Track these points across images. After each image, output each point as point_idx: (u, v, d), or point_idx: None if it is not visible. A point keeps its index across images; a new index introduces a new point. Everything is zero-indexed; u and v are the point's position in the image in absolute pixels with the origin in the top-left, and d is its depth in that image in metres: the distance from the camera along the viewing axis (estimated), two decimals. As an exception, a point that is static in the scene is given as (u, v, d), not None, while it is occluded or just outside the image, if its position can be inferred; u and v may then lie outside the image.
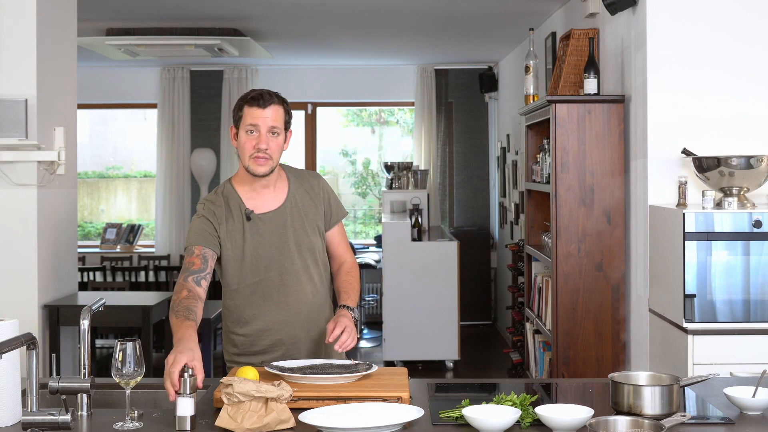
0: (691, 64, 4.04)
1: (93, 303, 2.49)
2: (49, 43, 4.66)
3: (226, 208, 2.87)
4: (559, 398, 2.65)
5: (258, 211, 2.87)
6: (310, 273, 2.91)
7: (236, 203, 2.88)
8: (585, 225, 4.37)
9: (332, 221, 2.99)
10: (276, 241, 2.87)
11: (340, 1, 6.23)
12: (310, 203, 2.94)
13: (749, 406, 2.33)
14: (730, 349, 3.50)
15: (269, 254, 2.86)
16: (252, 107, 2.80)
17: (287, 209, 2.90)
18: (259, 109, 2.79)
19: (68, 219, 4.96)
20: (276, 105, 2.82)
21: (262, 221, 2.87)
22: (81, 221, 9.90)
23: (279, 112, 2.82)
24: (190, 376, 2.18)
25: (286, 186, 2.93)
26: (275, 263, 2.86)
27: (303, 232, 2.90)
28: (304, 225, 2.90)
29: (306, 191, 2.95)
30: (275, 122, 2.80)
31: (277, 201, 2.90)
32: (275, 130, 2.80)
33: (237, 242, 2.85)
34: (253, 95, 2.83)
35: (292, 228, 2.88)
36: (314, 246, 2.92)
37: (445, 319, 7.32)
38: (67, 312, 4.71)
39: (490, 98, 9.64)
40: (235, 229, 2.85)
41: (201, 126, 9.69)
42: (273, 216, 2.88)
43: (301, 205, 2.92)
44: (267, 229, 2.87)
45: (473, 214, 9.81)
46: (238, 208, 2.87)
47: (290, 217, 2.89)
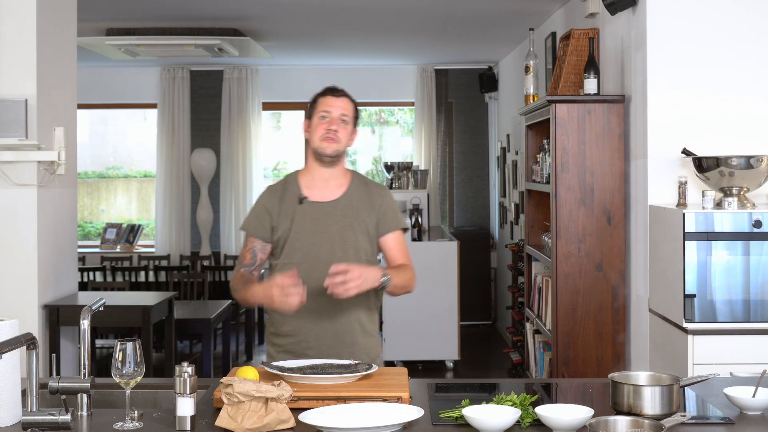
0: (691, 64, 4.04)
1: (93, 303, 2.49)
2: (49, 43, 4.66)
3: (282, 191, 3.06)
4: (559, 398, 2.66)
5: (312, 199, 3.02)
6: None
7: (294, 189, 3.05)
8: (585, 225, 4.37)
9: (384, 228, 3.05)
10: (320, 229, 2.98)
11: (340, 1, 6.23)
12: (365, 207, 3.04)
13: (749, 406, 2.33)
14: (730, 349, 3.50)
15: (312, 240, 2.98)
16: (326, 97, 3.05)
17: (340, 204, 3.02)
18: (332, 98, 3.04)
19: (68, 219, 4.96)
20: (347, 99, 3.07)
21: (312, 208, 3.00)
22: (81, 221, 9.90)
23: (349, 106, 3.06)
24: (190, 377, 2.18)
25: (347, 185, 3.07)
26: (314, 250, 2.97)
27: (350, 230, 3.00)
28: (353, 224, 3.00)
29: (364, 195, 3.06)
30: (345, 111, 3.03)
31: (333, 195, 3.03)
32: (345, 118, 3.02)
33: (285, 224, 3.00)
34: (328, 87, 3.10)
35: (341, 223, 2.99)
36: (360, 246, 3.00)
37: (445, 319, 7.32)
38: (67, 312, 4.71)
39: (490, 98, 9.64)
40: (286, 210, 3.01)
41: (201, 126, 9.69)
42: (325, 207, 3.01)
43: (355, 205, 3.03)
44: (315, 216, 3.00)
45: (473, 214, 9.81)
46: (294, 193, 3.04)
47: (341, 212, 3.01)
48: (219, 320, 6.41)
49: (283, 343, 2.99)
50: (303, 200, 3.01)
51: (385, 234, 3.05)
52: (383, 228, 3.04)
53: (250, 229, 3.05)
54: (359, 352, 2.97)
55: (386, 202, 3.08)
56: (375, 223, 3.03)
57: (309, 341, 2.95)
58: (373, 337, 3.07)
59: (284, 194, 3.04)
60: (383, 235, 3.05)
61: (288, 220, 2.99)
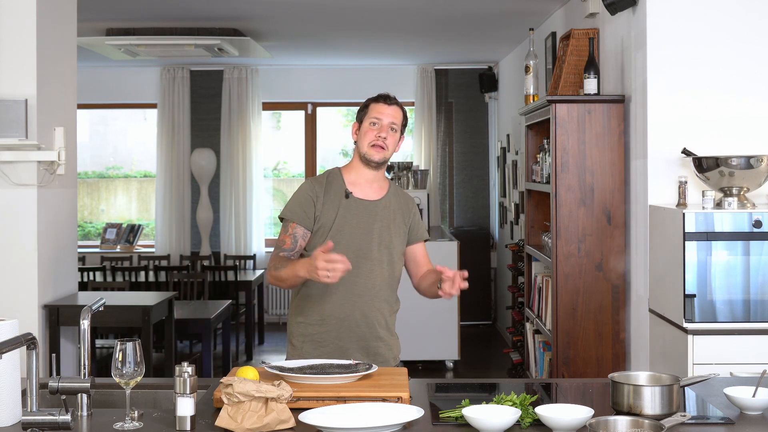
0: (691, 64, 4.04)
1: (93, 303, 2.49)
2: (49, 43, 4.66)
3: (327, 184, 3.12)
4: (559, 398, 2.66)
5: (356, 195, 3.10)
6: (383, 268, 3.07)
7: (339, 183, 3.12)
8: (585, 225, 4.37)
9: (413, 237, 3.19)
10: (363, 226, 3.06)
11: (340, 1, 6.23)
12: (400, 213, 3.16)
13: (749, 406, 2.33)
14: (730, 349, 3.50)
15: (353, 234, 3.05)
16: (378, 103, 3.11)
17: (381, 205, 3.12)
18: (384, 105, 3.10)
19: (68, 219, 4.96)
20: (398, 107, 3.13)
21: (357, 204, 3.08)
22: (81, 221, 9.90)
23: (399, 114, 3.12)
24: (190, 377, 2.18)
25: (386, 190, 3.18)
26: (355, 244, 3.04)
27: (387, 230, 3.10)
28: (390, 226, 3.11)
29: (400, 203, 3.18)
30: (395, 119, 3.09)
31: (375, 195, 3.13)
32: (394, 126, 3.09)
33: (330, 214, 3.06)
34: (381, 94, 3.16)
35: (381, 222, 3.09)
36: (394, 246, 3.10)
37: (445, 319, 7.32)
38: (67, 312, 4.71)
39: (490, 98, 9.64)
40: (331, 202, 3.08)
41: (201, 126, 9.69)
42: (368, 205, 3.10)
43: (393, 209, 3.14)
44: (359, 212, 3.08)
45: (473, 214, 9.80)
46: (340, 187, 3.11)
47: (382, 213, 3.11)
48: (219, 320, 6.41)
49: (311, 332, 3.04)
50: (349, 195, 3.09)
51: (415, 242, 3.19)
52: (414, 236, 3.19)
53: (293, 216, 3.08)
54: (383, 348, 3.06)
55: (416, 212, 3.23)
56: (407, 230, 3.17)
57: (339, 331, 3.01)
58: (395, 336, 3.15)
59: (329, 187, 3.10)
60: (414, 243, 3.19)
61: (333, 211, 3.06)
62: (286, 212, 3.11)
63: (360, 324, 3.02)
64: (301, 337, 3.06)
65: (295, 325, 3.11)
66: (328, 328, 3.02)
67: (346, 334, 3.01)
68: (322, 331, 3.03)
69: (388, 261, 3.09)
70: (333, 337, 3.01)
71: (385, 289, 3.08)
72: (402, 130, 3.14)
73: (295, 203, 3.11)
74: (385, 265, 3.08)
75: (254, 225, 9.52)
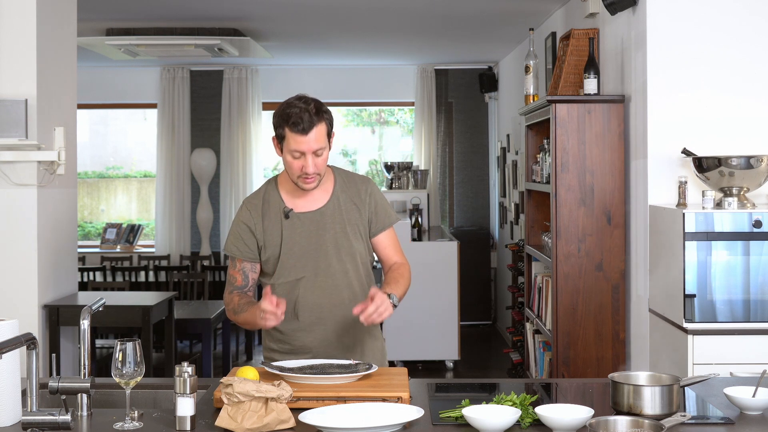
0: (691, 64, 4.04)
1: (93, 303, 2.49)
2: (49, 43, 4.66)
3: (264, 206, 2.88)
4: (559, 398, 2.65)
5: (297, 209, 2.87)
6: (349, 277, 2.88)
7: (276, 202, 2.88)
8: (585, 225, 4.37)
9: (377, 228, 2.93)
10: (314, 241, 2.85)
11: (340, 1, 6.23)
12: (354, 207, 2.90)
13: (749, 406, 2.33)
14: (730, 349, 3.50)
15: (306, 254, 2.84)
16: (295, 134, 2.73)
17: (328, 211, 2.87)
18: (301, 136, 2.73)
19: (68, 219, 4.96)
20: (317, 126, 2.74)
21: (301, 220, 2.86)
22: (81, 221, 9.90)
23: (321, 131, 2.75)
24: (190, 377, 2.18)
25: (331, 188, 2.91)
26: (311, 263, 2.84)
27: (343, 235, 2.86)
28: (345, 228, 2.87)
29: (351, 195, 2.91)
30: (318, 144, 2.75)
31: (318, 202, 2.88)
32: (319, 151, 2.76)
33: (275, 240, 2.85)
34: (293, 120, 2.73)
35: (332, 230, 2.86)
36: (355, 250, 2.88)
37: (445, 319, 7.32)
38: (67, 312, 4.71)
39: (490, 98, 9.64)
40: (272, 226, 2.86)
41: (201, 126, 9.69)
42: (312, 216, 2.86)
43: (344, 209, 2.89)
44: (305, 228, 2.85)
45: (473, 214, 9.80)
46: (277, 207, 2.87)
47: (331, 219, 2.87)
48: (219, 320, 6.41)
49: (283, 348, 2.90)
50: (289, 213, 2.85)
51: (378, 233, 2.93)
52: (376, 228, 2.92)
53: (235, 252, 2.88)
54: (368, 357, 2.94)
55: (375, 198, 2.93)
56: (366, 223, 2.91)
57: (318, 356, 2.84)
58: (379, 340, 3.03)
59: (266, 209, 2.88)
60: (376, 234, 2.93)
61: (276, 236, 2.84)
62: (229, 247, 2.89)
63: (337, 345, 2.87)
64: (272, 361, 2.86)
65: (267, 351, 2.95)
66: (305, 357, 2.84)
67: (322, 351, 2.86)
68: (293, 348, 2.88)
69: (354, 268, 2.87)
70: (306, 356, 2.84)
71: (357, 300, 2.83)
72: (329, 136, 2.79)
73: (235, 237, 2.88)
74: (352, 274, 2.87)
75: (254, 225, 9.50)
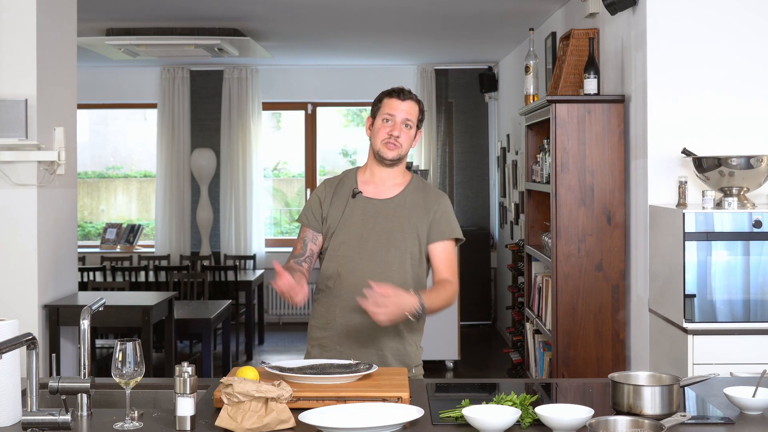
0: (691, 64, 4.04)
1: (93, 303, 2.49)
2: (49, 43, 4.66)
3: (339, 185, 3.05)
4: (559, 398, 2.65)
5: (366, 194, 3.00)
6: (392, 270, 2.91)
7: (350, 183, 3.04)
8: (585, 225, 4.37)
9: (435, 235, 2.97)
10: (369, 226, 2.95)
11: (340, 1, 6.23)
12: (419, 210, 2.98)
13: (749, 406, 2.33)
14: (730, 349, 3.50)
15: (359, 234, 2.95)
16: (391, 99, 2.97)
17: (393, 203, 2.99)
18: (397, 101, 2.96)
19: (68, 219, 4.96)
20: (413, 101, 2.98)
21: (365, 204, 2.99)
22: (81, 221, 9.90)
23: (414, 109, 2.98)
24: (190, 377, 2.18)
25: (404, 185, 3.03)
26: (361, 245, 2.94)
27: (399, 231, 2.95)
28: (404, 225, 2.95)
29: (421, 199, 3.01)
30: (410, 115, 2.96)
31: (388, 193, 3.01)
32: (408, 122, 2.96)
33: (336, 215, 2.99)
34: (394, 88, 3.00)
35: (390, 222, 2.96)
36: (406, 248, 2.94)
37: (445, 319, 7.31)
38: (67, 312, 4.71)
39: (490, 98, 9.64)
40: (339, 202, 3.01)
41: (201, 126, 9.69)
42: (377, 204, 2.98)
43: (409, 207, 2.98)
44: (366, 212, 2.97)
45: (473, 214, 9.80)
46: (349, 187, 3.03)
47: (393, 212, 2.97)
48: (219, 320, 6.41)
49: (318, 336, 2.99)
50: (356, 194, 2.99)
51: (435, 241, 2.97)
52: (433, 235, 2.97)
53: (303, 219, 3.06)
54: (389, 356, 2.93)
55: (442, 209, 3.01)
56: (426, 229, 2.97)
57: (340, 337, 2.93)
58: (409, 344, 2.99)
59: (340, 187, 3.04)
60: (433, 242, 2.97)
61: (339, 211, 2.98)
62: (300, 216, 3.09)
63: (361, 331, 2.90)
64: (311, 340, 3.02)
65: (309, 328, 3.06)
66: (330, 333, 2.95)
67: (346, 340, 2.92)
68: (326, 335, 2.96)
69: (399, 264, 2.93)
70: (334, 342, 2.93)
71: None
72: (419, 124, 3.01)
73: (307, 206, 3.08)
74: (395, 268, 2.92)
75: (254, 225, 9.52)
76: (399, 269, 2.93)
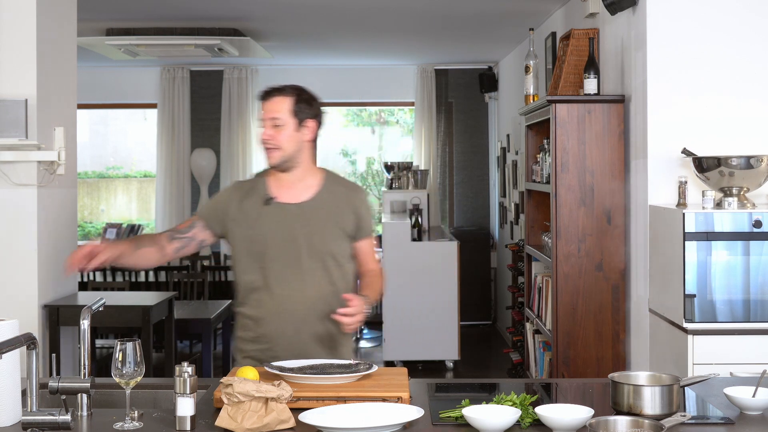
0: (691, 64, 4.04)
1: (93, 303, 2.49)
2: (49, 43, 4.65)
3: (250, 189, 2.94)
4: (559, 398, 2.66)
5: (280, 200, 2.90)
6: (317, 275, 2.88)
7: (262, 187, 2.93)
8: (585, 225, 4.37)
9: (362, 234, 2.98)
10: (288, 233, 2.87)
11: (340, 1, 6.23)
12: (341, 208, 2.93)
13: (749, 406, 2.33)
14: (730, 349, 3.50)
15: (278, 244, 2.86)
16: (260, 102, 2.91)
17: (310, 207, 2.90)
18: (263, 102, 2.89)
19: (68, 219, 4.95)
20: (279, 96, 2.87)
21: (281, 210, 2.89)
22: (81, 221, 9.90)
23: (282, 103, 2.86)
24: (190, 376, 2.18)
25: (318, 185, 2.94)
26: (282, 254, 2.86)
27: (320, 233, 2.88)
28: (326, 227, 2.89)
29: (341, 195, 2.95)
30: (276, 113, 2.85)
31: (302, 196, 2.91)
32: (276, 122, 2.85)
33: (248, 223, 2.88)
34: (263, 90, 2.93)
35: (309, 226, 2.88)
36: (329, 250, 2.89)
37: (445, 319, 7.32)
38: (67, 312, 4.70)
39: (490, 98, 9.64)
40: (252, 209, 2.89)
41: (201, 126, 9.69)
42: (292, 209, 2.89)
43: (328, 207, 2.91)
44: (283, 219, 2.88)
45: (473, 214, 9.80)
46: (261, 193, 2.92)
47: (310, 215, 2.89)
48: (219, 320, 6.40)
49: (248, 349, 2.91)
50: (270, 201, 2.88)
51: (361, 239, 2.98)
52: (361, 233, 2.97)
53: (202, 212, 2.98)
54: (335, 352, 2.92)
55: (365, 205, 2.99)
56: (354, 226, 2.94)
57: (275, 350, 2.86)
58: (347, 335, 2.98)
59: (251, 192, 2.92)
60: (360, 239, 2.97)
61: (252, 220, 2.87)
62: (200, 209, 3.02)
63: (293, 341, 2.85)
64: (242, 353, 2.93)
65: (237, 340, 2.97)
66: (263, 347, 2.88)
67: (281, 353, 2.84)
68: (258, 348, 2.89)
69: (323, 269, 2.87)
70: (269, 356, 2.83)
71: (320, 302, 2.86)
72: (301, 116, 2.85)
73: (211, 204, 2.99)
74: (319, 273, 2.87)
75: (254, 225, 9.51)
76: (323, 272, 2.89)
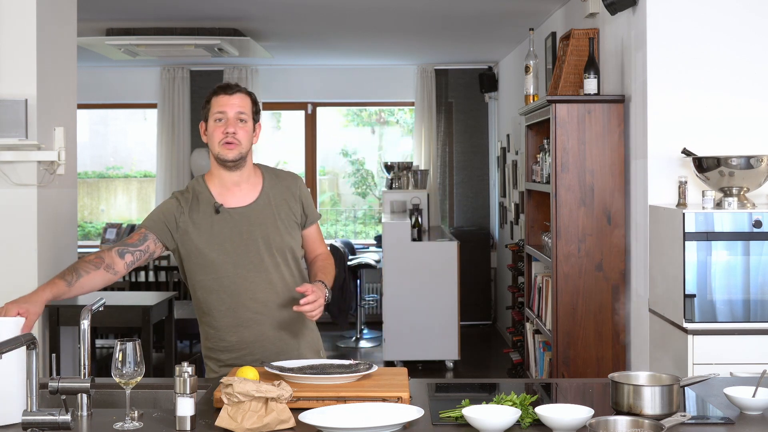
0: (691, 64, 4.04)
1: (93, 303, 2.49)
2: (49, 43, 4.65)
3: (193, 200, 2.87)
4: (559, 398, 2.66)
5: (227, 205, 2.87)
6: (281, 271, 2.89)
7: (206, 197, 2.88)
8: (585, 225, 4.37)
9: (309, 222, 3.00)
10: (245, 237, 2.85)
11: (340, 1, 6.23)
12: (285, 203, 2.93)
13: (749, 406, 2.33)
14: (730, 349, 3.50)
15: (237, 249, 2.85)
16: (219, 96, 2.86)
17: (258, 207, 2.89)
18: (226, 96, 2.85)
19: (68, 219, 4.95)
20: (242, 94, 2.88)
21: (231, 216, 2.86)
22: (81, 221, 9.90)
23: (246, 101, 2.88)
24: (190, 377, 2.18)
25: (260, 184, 2.93)
26: (243, 260, 2.85)
27: (275, 231, 2.88)
28: (277, 223, 2.89)
29: (282, 191, 2.94)
30: (242, 109, 2.85)
31: (248, 198, 2.90)
32: (242, 117, 2.84)
33: (203, 234, 2.84)
34: (220, 85, 2.90)
35: (263, 225, 2.87)
36: (286, 245, 2.90)
37: (445, 319, 7.32)
38: (67, 312, 4.70)
39: (490, 98, 9.64)
40: (202, 220, 2.85)
41: (201, 126, 9.68)
42: (243, 212, 2.87)
43: (274, 204, 2.91)
44: (236, 224, 2.86)
45: (473, 214, 9.80)
46: (208, 202, 2.87)
47: (261, 214, 2.88)
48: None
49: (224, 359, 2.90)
50: (219, 208, 2.85)
51: (309, 226, 3.01)
52: (309, 219, 3.00)
53: (150, 224, 2.85)
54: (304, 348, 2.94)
55: (305, 192, 3.00)
56: (302, 214, 2.97)
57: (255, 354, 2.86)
58: (314, 330, 3.01)
59: (195, 203, 2.86)
60: (308, 227, 3.00)
61: (205, 231, 2.83)
62: (147, 222, 2.87)
63: (274, 340, 2.88)
64: (217, 362, 2.91)
65: (209, 350, 2.94)
66: (241, 353, 2.87)
67: (261, 354, 2.86)
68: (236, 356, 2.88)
69: (285, 263, 2.89)
70: (250, 360, 2.83)
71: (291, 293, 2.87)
72: (255, 117, 2.88)
73: (157, 215, 2.86)
74: (284, 268, 2.89)
75: (254, 225, 9.51)
76: (286, 267, 2.90)
